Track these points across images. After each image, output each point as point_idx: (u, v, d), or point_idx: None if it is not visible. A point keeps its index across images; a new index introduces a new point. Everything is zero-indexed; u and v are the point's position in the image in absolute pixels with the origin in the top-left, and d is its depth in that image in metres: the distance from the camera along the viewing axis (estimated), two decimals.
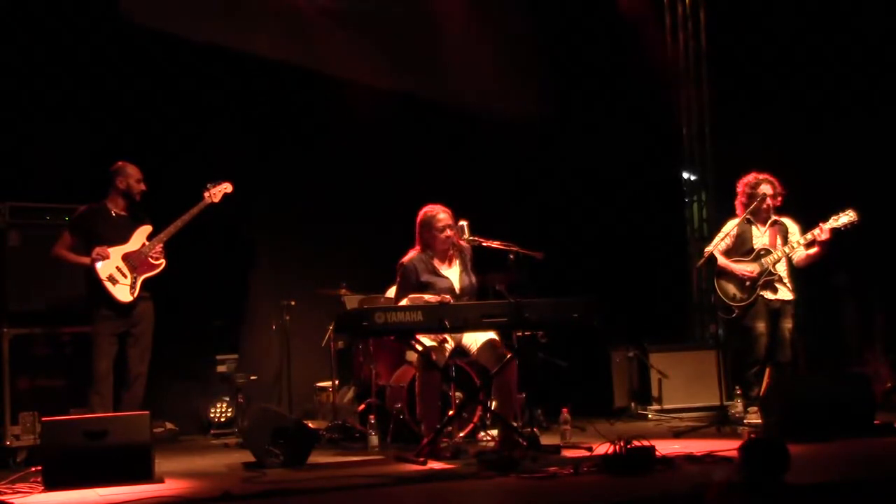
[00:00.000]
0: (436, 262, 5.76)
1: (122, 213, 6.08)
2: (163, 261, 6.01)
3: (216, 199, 6.13)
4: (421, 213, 5.82)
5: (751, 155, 7.62)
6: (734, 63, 8.61)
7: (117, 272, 5.89)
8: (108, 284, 5.85)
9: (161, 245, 5.99)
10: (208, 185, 6.13)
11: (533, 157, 8.51)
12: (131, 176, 6.06)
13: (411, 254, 5.80)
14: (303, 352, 7.38)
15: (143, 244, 5.99)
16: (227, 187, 6.17)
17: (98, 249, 5.86)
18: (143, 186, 6.08)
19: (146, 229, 6.05)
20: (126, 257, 5.93)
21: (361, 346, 6.79)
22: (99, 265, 5.85)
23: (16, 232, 6.26)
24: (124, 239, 5.99)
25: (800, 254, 6.60)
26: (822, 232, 6.42)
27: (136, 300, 5.92)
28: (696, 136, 9.24)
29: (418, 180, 7.53)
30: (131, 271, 5.93)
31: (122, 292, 5.88)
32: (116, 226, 6.02)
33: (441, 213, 5.74)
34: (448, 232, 5.69)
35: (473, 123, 8.34)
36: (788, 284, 6.65)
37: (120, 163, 6.10)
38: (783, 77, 8.26)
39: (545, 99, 8.81)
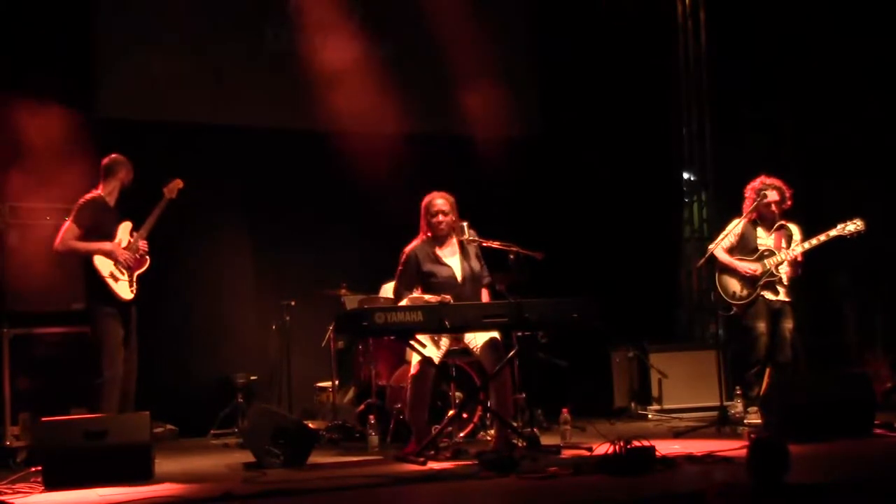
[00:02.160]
0: (437, 251, 5.75)
1: (113, 206, 5.97)
2: (147, 258, 5.96)
3: (174, 196, 6.10)
4: (423, 200, 5.82)
5: (751, 155, 7.62)
6: (734, 63, 8.60)
7: (116, 269, 5.80)
8: (111, 282, 5.75)
9: (146, 241, 5.93)
10: (165, 185, 6.09)
11: (533, 156, 8.50)
12: (131, 170, 6.01)
13: (415, 242, 5.79)
14: (303, 352, 7.37)
15: (130, 241, 5.90)
16: (178, 183, 6.14)
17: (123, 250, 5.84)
18: None
19: (127, 225, 5.95)
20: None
21: (361, 346, 6.79)
22: (98, 261, 5.75)
23: (16, 232, 6.24)
24: (114, 234, 5.89)
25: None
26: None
27: (134, 299, 5.87)
28: (696, 136, 9.23)
29: (419, 180, 7.51)
30: (126, 269, 5.85)
31: (124, 289, 5.80)
32: (112, 220, 5.92)
33: (438, 199, 5.73)
34: (440, 217, 5.67)
35: (473, 122, 8.32)
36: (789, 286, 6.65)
37: (121, 156, 6.00)
38: (783, 77, 8.25)
39: (545, 100, 8.80)
